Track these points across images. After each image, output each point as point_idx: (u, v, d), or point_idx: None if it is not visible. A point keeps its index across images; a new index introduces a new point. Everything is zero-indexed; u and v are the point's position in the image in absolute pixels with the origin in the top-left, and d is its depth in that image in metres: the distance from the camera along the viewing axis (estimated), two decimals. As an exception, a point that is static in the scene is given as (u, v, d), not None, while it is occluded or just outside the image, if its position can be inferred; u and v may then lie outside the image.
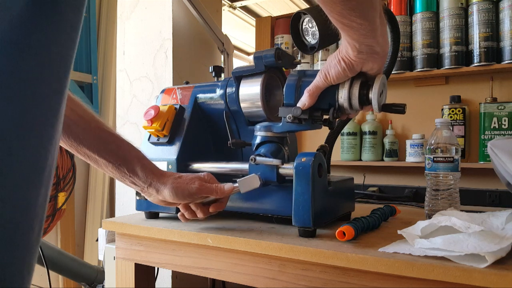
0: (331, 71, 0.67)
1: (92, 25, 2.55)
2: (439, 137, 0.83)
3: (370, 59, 0.64)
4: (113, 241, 1.25)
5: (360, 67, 0.65)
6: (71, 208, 2.45)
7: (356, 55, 0.63)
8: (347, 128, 1.67)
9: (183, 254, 0.82)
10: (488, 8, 1.41)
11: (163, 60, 1.32)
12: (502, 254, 0.55)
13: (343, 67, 0.65)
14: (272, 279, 0.72)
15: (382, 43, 0.62)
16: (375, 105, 0.69)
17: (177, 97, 0.96)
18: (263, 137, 0.79)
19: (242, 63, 3.89)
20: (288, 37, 1.84)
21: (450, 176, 0.83)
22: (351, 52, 0.63)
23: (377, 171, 1.68)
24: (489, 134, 1.42)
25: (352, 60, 0.64)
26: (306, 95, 0.71)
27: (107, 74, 2.61)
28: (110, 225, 0.92)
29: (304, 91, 0.72)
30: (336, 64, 0.66)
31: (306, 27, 0.81)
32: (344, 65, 0.65)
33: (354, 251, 0.63)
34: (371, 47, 0.62)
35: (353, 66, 0.65)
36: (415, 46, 1.54)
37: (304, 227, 0.71)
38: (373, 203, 1.17)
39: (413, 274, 0.57)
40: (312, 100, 0.71)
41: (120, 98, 1.43)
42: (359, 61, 0.64)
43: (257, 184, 0.73)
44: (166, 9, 1.32)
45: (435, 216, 0.69)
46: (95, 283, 1.74)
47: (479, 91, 1.51)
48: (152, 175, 0.73)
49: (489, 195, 1.34)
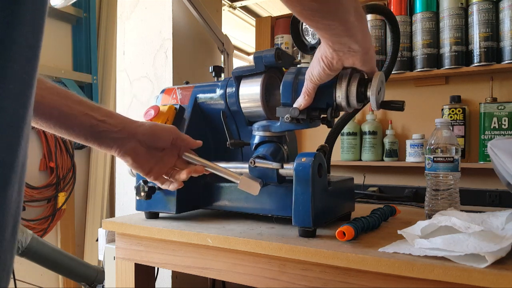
0: (314, 71, 0.67)
1: (92, 25, 2.56)
2: (439, 137, 0.83)
3: (349, 56, 0.63)
4: (113, 241, 1.25)
5: (340, 63, 0.64)
6: (71, 208, 2.45)
7: (332, 52, 0.62)
8: (347, 128, 1.68)
9: (183, 254, 0.82)
10: (488, 8, 1.41)
11: (163, 60, 1.32)
12: (502, 254, 0.55)
13: (322, 66, 0.64)
14: (272, 279, 0.72)
15: (362, 40, 0.61)
16: (373, 103, 0.69)
17: (177, 97, 0.96)
18: (261, 137, 0.79)
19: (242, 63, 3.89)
20: (288, 37, 1.84)
21: (450, 176, 0.83)
22: (327, 50, 0.62)
23: (377, 171, 1.68)
24: (489, 134, 1.42)
25: (329, 58, 0.63)
26: (301, 97, 0.71)
27: (107, 74, 2.61)
28: (110, 225, 0.92)
29: (301, 91, 0.72)
30: (317, 64, 0.65)
31: (306, 27, 0.81)
32: (323, 64, 0.64)
33: (354, 251, 0.63)
34: (346, 45, 0.61)
35: (332, 64, 0.64)
36: (415, 46, 1.55)
37: (304, 227, 0.71)
38: (373, 203, 1.17)
39: (413, 274, 0.57)
40: (307, 101, 0.70)
41: (120, 98, 1.43)
42: (337, 59, 0.63)
43: (255, 192, 0.73)
44: (166, 9, 1.32)
45: (435, 216, 0.69)
46: (95, 283, 1.74)
47: (479, 91, 1.51)
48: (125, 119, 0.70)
49: (489, 195, 1.34)
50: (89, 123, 0.64)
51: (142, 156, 0.71)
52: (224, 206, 0.88)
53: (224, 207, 0.89)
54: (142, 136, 0.70)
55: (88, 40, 2.55)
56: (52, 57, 2.45)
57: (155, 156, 0.73)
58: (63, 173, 2.37)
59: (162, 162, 0.74)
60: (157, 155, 0.73)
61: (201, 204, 0.92)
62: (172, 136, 0.74)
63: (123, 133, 0.68)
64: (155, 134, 0.71)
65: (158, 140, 0.72)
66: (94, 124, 0.65)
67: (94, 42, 2.57)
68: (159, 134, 0.72)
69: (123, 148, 0.69)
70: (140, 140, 0.70)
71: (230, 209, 0.87)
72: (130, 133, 0.69)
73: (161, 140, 0.72)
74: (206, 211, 0.99)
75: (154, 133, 0.71)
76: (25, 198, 2.19)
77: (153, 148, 0.72)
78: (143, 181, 0.88)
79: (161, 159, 0.74)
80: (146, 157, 0.71)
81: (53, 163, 2.31)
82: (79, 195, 2.55)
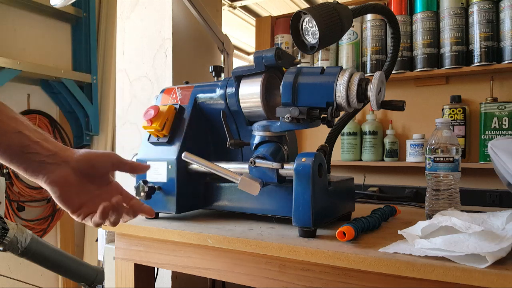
0: None
1: (91, 25, 2.56)
2: (439, 137, 0.83)
3: None
4: (113, 241, 1.25)
5: None
6: (71, 208, 2.45)
7: None
8: (347, 128, 1.67)
9: (183, 254, 0.82)
10: (488, 8, 1.41)
11: (162, 60, 1.32)
12: (503, 254, 0.55)
13: None
14: (272, 279, 0.72)
15: None
16: (374, 103, 0.69)
17: (177, 97, 0.96)
18: (261, 137, 0.79)
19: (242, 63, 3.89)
20: (288, 37, 1.84)
21: (451, 176, 0.82)
22: None
23: (377, 171, 1.68)
24: (490, 134, 1.42)
25: None
26: None
27: (107, 74, 2.61)
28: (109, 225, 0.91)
29: (301, 90, 0.72)
30: None
31: (306, 26, 0.81)
32: None
33: (354, 251, 0.62)
34: None
35: None
36: (415, 46, 1.54)
37: (304, 227, 0.71)
38: (373, 203, 1.17)
39: (414, 275, 0.57)
40: None
41: (120, 98, 1.43)
42: None
43: (255, 192, 0.73)
44: (166, 9, 1.31)
45: (435, 216, 0.69)
46: (95, 283, 1.74)
47: (480, 91, 1.51)
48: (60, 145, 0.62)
49: (489, 195, 1.34)
50: (20, 143, 0.56)
51: (72, 188, 0.61)
52: (224, 206, 0.88)
53: (224, 207, 0.88)
54: (76, 163, 0.61)
55: (87, 40, 2.55)
56: (52, 57, 2.45)
57: (90, 192, 0.63)
58: (63, 173, 2.37)
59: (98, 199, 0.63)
60: (92, 192, 0.63)
61: (201, 204, 0.92)
62: (111, 161, 0.64)
63: (55, 158, 0.59)
64: (91, 159, 0.62)
65: (94, 166, 0.63)
66: (26, 145, 0.57)
67: (93, 42, 2.57)
68: (95, 159, 0.63)
69: (51, 175, 0.59)
70: (74, 167, 0.61)
71: (230, 209, 0.87)
72: (63, 159, 0.60)
73: (97, 167, 0.63)
74: (206, 211, 0.99)
75: (89, 159, 0.62)
76: (24, 198, 2.19)
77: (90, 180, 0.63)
78: (143, 181, 0.88)
79: (98, 196, 0.63)
80: (77, 190, 0.61)
81: (53, 163, 2.31)
82: (79, 195, 2.55)
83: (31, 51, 2.32)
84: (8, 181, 2.08)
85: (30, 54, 2.31)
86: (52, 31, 2.45)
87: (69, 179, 0.60)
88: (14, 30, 2.24)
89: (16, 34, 2.25)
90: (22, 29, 2.28)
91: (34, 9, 2.31)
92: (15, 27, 2.24)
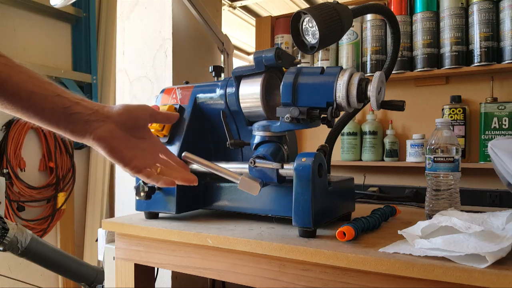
0: None
1: (91, 25, 2.55)
2: (439, 137, 0.83)
3: None
4: (113, 241, 1.25)
5: None
6: (71, 208, 2.45)
7: None
8: (347, 128, 1.67)
9: (183, 254, 0.82)
10: (488, 8, 1.41)
11: (162, 60, 1.32)
12: (503, 254, 0.55)
13: None
14: (272, 280, 0.72)
15: None
16: (374, 103, 0.69)
17: (177, 97, 0.96)
18: (261, 137, 0.79)
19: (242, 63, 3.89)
20: (288, 37, 1.84)
21: (451, 176, 0.82)
22: None
23: (378, 171, 1.68)
24: (490, 134, 1.42)
25: None
26: None
27: (107, 74, 2.61)
28: (109, 225, 0.92)
29: (301, 90, 0.72)
30: None
31: (306, 26, 0.81)
32: None
33: (354, 251, 0.62)
34: None
35: None
36: (415, 46, 1.54)
37: (304, 227, 0.71)
38: (373, 203, 1.17)
39: (414, 275, 0.57)
40: None
41: (120, 98, 1.43)
42: None
43: (255, 192, 0.73)
44: (166, 9, 1.31)
45: (435, 216, 0.69)
46: (95, 283, 1.74)
47: (480, 91, 1.51)
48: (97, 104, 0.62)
49: (489, 195, 1.34)
50: (62, 104, 0.57)
51: (120, 141, 0.62)
52: (224, 206, 0.88)
53: (224, 207, 0.88)
54: (118, 117, 0.62)
55: (87, 40, 2.55)
56: (52, 57, 2.44)
57: (136, 146, 0.65)
58: (63, 173, 2.37)
59: (145, 153, 0.65)
60: (138, 145, 0.65)
61: (201, 204, 0.92)
62: (148, 112, 0.67)
63: (97, 115, 0.60)
64: (130, 111, 0.64)
65: (135, 118, 0.64)
66: (67, 106, 0.58)
67: (93, 42, 2.57)
68: (134, 111, 0.64)
69: (98, 131, 0.60)
70: (117, 121, 0.62)
71: (230, 209, 0.87)
72: (105, 115, 0.61)
73: (139, 118, 0.65)
74: (206, 211, 0.99)
75: (129, 111, 0.63)
76: (24, 198, 2.19)
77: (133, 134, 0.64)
78: (143, 181, 0.88)
79: (144, 150, 0.66)
80: (125, 143, 0.63)
81: (52, 163, 2.31)
82: (79, 195, 2.55)
83: (31, 51, 2.32)
84: (8, 181, 2.08)
85: (30, 54, 2.31)
86: (52, 31, 2.45)
87: (114, 133, 0.61)
88: (14, 30, 2.24)
89: (16, 34, 2.25)
90: (22, 29, 2.28)
91: (34, 9, 2.31)
92: (15, 27, 2.24)
